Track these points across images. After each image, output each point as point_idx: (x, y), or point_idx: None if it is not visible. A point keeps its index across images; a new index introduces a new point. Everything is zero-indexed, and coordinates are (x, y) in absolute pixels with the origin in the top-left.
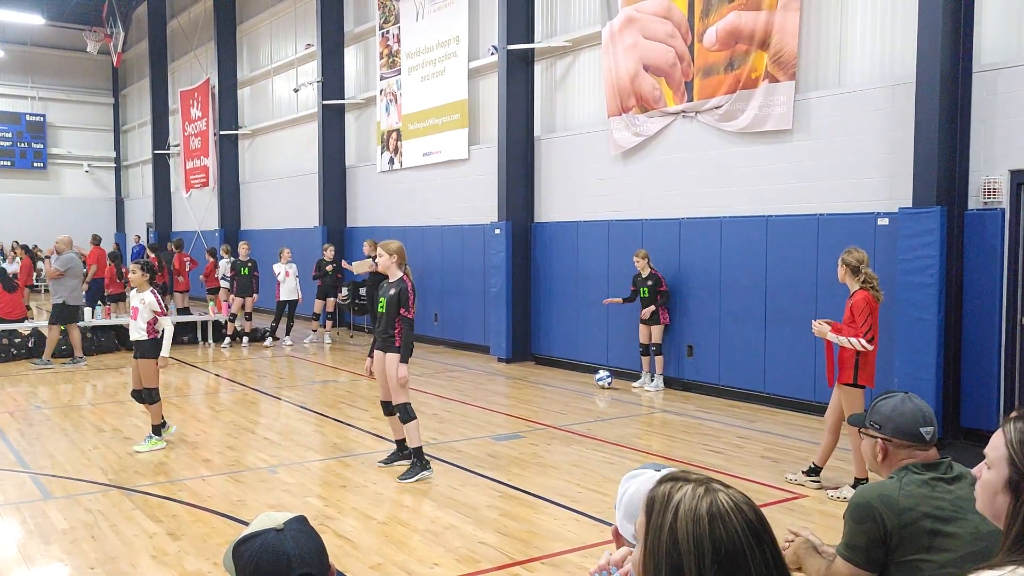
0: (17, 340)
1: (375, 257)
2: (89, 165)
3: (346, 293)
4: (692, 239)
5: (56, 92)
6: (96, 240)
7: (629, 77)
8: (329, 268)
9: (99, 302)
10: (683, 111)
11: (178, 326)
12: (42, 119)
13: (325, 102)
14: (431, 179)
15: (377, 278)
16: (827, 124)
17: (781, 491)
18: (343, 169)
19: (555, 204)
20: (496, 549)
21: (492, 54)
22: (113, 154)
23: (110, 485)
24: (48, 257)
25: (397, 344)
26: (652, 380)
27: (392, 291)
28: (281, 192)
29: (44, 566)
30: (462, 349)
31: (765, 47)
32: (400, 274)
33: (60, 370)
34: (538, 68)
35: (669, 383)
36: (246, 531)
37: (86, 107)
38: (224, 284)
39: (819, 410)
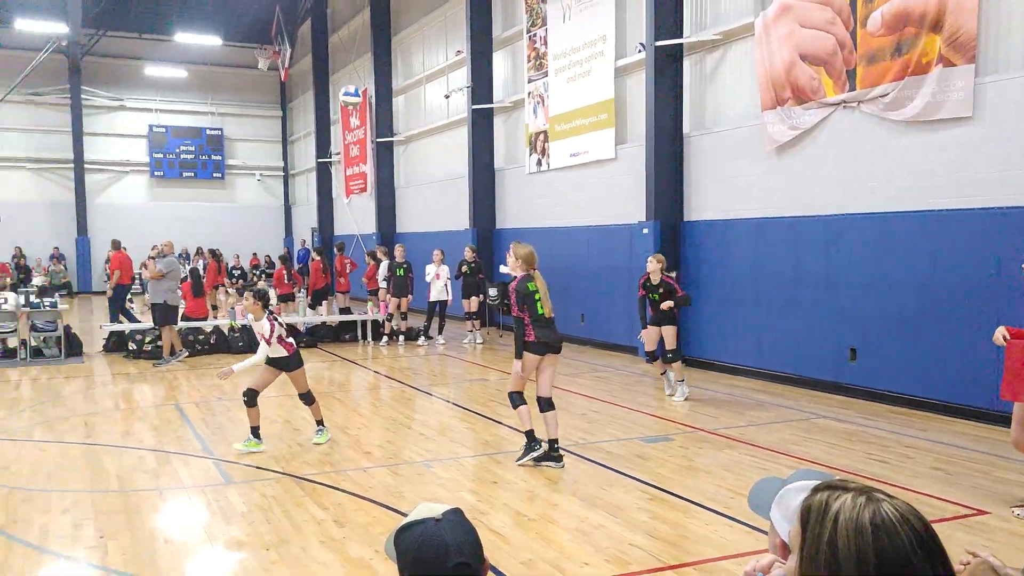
0: (201, 337)
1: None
2: (260, 174)
3: (494, 293)
4: (851, 236)
5: (232, 107)
6: (116, 245)
7: (785, 68)
8: (464, 268)
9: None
10: (844, 102)
11: (340, 325)
12: (220, 133)
13: (474, 107)
14: (578, 179)
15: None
16: (1013, 110)
17: (956, 506)
18: (492, 172)
19: (705, 202)
20: (646, 551)
21: (639, 52)
22: (282, 163)
23: (282, 473)
24: (152, 258)
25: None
26: (677, 390)
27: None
28: (433, 196)
29: (225, 544)
30: (608, 350)
31: (938, 29)
32: (521, 275)
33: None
34: (687, 63)
35: (827, 387)
36: (407, 519)
37: (257, 120)
38: (383, 285)
39: (997, 419)
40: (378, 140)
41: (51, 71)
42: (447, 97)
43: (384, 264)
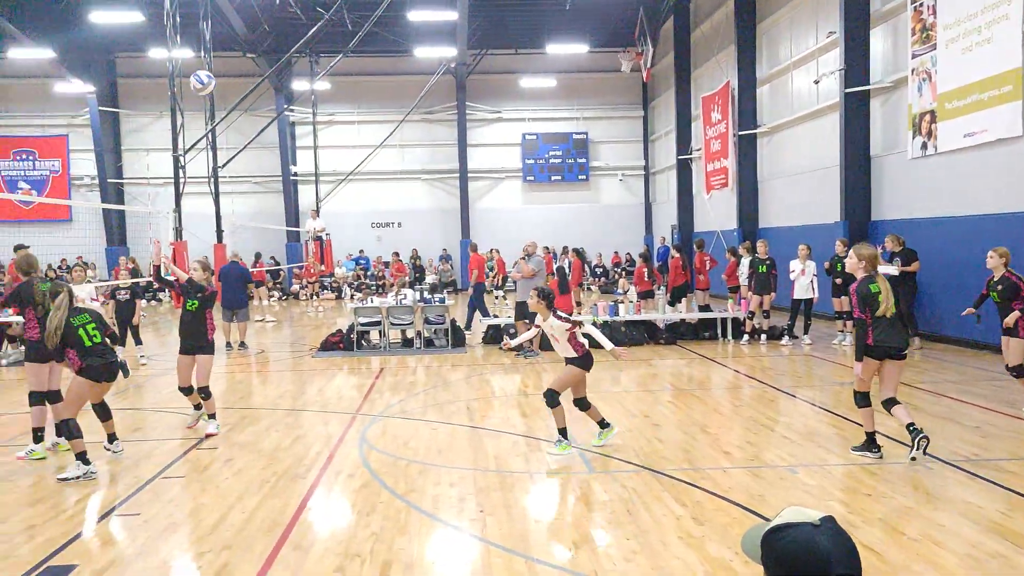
0: None
1: (895, 255)
2: (623, 174)
3: None
4: None
5: (595, 111)
6: (473, 248)
7: None
8: (836, 264)
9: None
10: None
11: (699, 322)
12: (585, 136)
13: (848, 90)
14: (975, 162)
15: (903, 276)
16: None
17: None
18: (867, 159)
19: None
20: None
21: None
22: (642, 162)
23: (642, 467)
24: (523, 259)
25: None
26: None
27: None
28: (799, 188)
29: (588, 530)
30: None
31: None
32: (863, 276)
33: (600, 359)
34: None
35: None
36: (778, 520)
37: (620, 122)
38: (744, 282)
39: None
40: (740, 133)
41: (441, 91)
42: (817, 82)
43: (745, 260)
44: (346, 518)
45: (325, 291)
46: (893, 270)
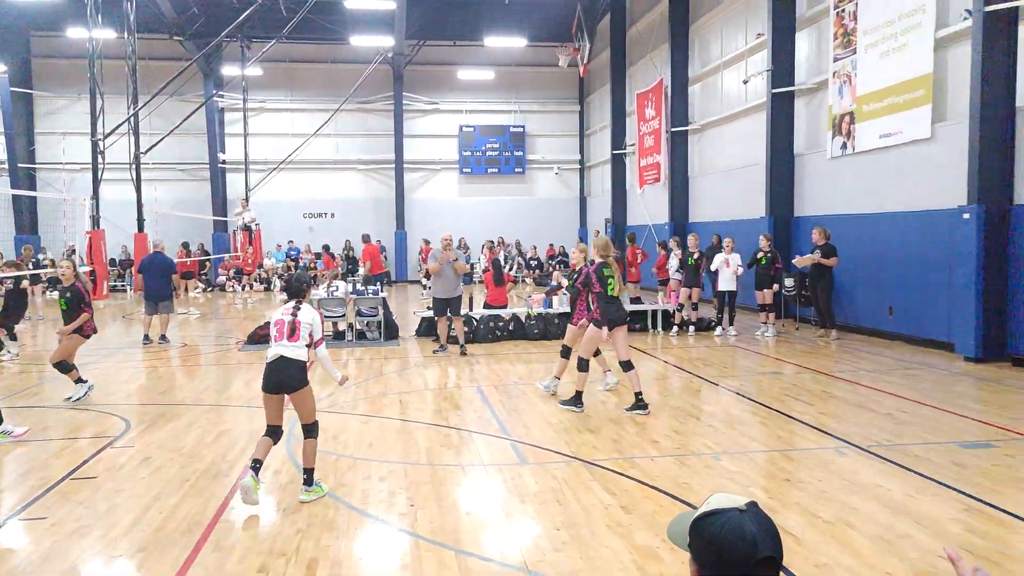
0: (500, 324)
1: (818, 247)
2: (558, 168)
3: (791, 284)
4: None
5: (533, 105)
6: (366, 238)
7: None
8: (759, 256)
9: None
10: None
11: (630, 315)
12: (522, 130)
13: (774, 90)
14: (888, 162)
15: (818, 268)
16: None
17: None
18: (791, 157)
19: None
20: None
21: (965, 19)
22: (578, 156)
23: (573, 457)
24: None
25: None
26: None
27: None
28: (728, 184)
29: (519, 521)
30: (920, 345)
31: None
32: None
33: (534, 351)
34: (1023, 29)
35: None
36: (705, 507)
37: (556, 116)
38: (675, 276)
39: None
40: (672, 130)
41: (378, 81)
42: (745, 82)
43: (675, 254)
44: (271, 516)
45: (254, 283)
46: (809, 260)
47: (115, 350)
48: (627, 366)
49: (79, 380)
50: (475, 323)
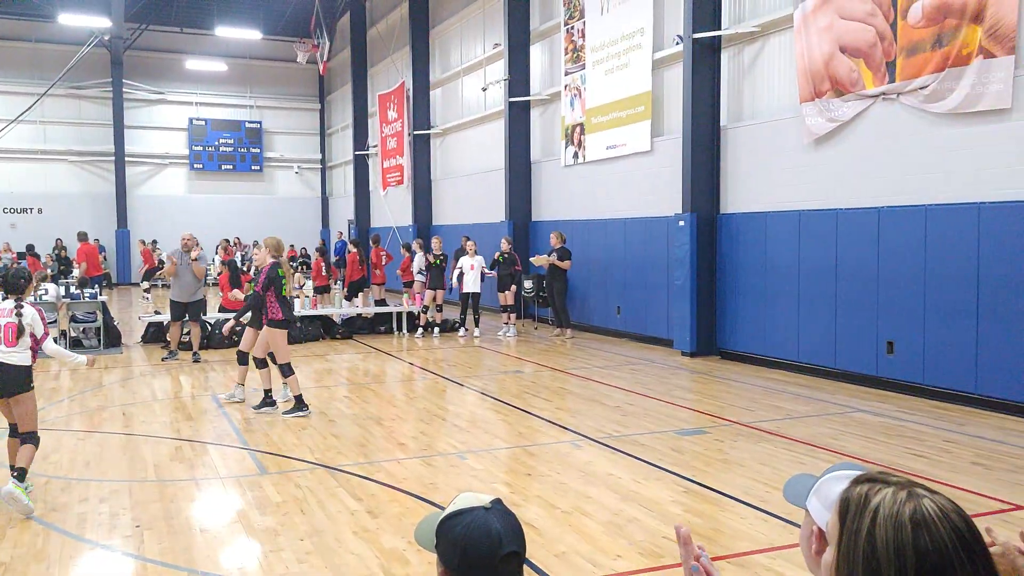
0: (237, 328)
1: (554, 250)
2: (299, 167)
3: (530, 286)
4: (892, 229)
5: (270, 101)
6: (82, 236)
7: (824, 60)
8: (497, 256)
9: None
10: (883, 93)
11: (375, 317)
12: (259, 126)
13: (511, 99)
14: (614, 172)
15: (554, 271)
16: None
17: (995, 501)
18: (528, 164)
19: (742, 195)
20: None
21: (677, 44)
22: (319, 156)
23: (317, 463)
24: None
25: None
26: None
27: None
28: (469, 188)
29: (261, 533)
30: (644, 342)
31: (979, 20)
32: (271, 262)
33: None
34: (725, 56)
35: (864, 381)
36: (452, 508)
37: (296, 113)
38: (419, 278)
39: None
40: (415, 133)
41: (93, 65)
42: (484, 90)
43: (419, 256)
44: None
45: None
46: (544, 260)
47: None
48: (261, 364)
49: None
50: (210, 328)
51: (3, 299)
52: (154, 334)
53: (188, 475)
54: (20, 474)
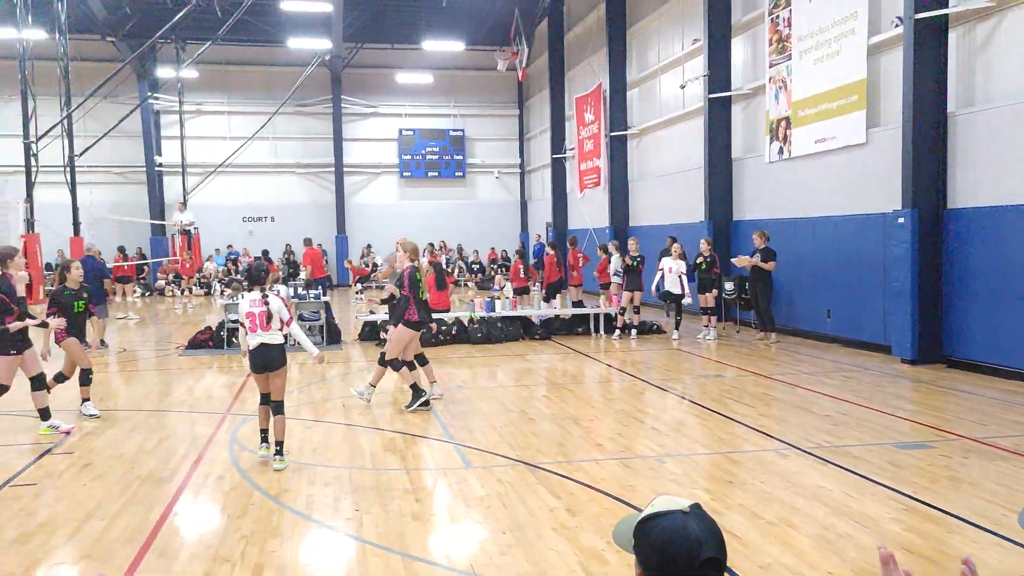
0: (443, 327)
1: (758, 251)
2: (499, 172)
3: (731, 287)
4: None
5: (472, 109)
6: (307, 242)
7: None
8: (699, 260)
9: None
10: None
11: (573, 318)
12: (462, 133)
13: (711, 95)
14: (824, 167)
15: (757, 272)
16: None
17: None
18: (729, 162)
19: (973, 188)
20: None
21: (896, 26)
22: (518, 161)
23: (518, 460)
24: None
25: None
26: None
27: None
28: (667, 188)
29: (465, 525)
30: (858, 348)
31: None
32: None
33: (477, 355)
34: (952, 35)
35: None
36: (650, 510)
37: (496, 120)
38: (616, 280)
39: None
40: (612, 134)
41: (316, 84)
42: (683, 87)
43: (616, 258)
44: (215, 522)
45: (194, 287)
46: (747, 261)
47: (54, 356)
48: (396, 365)
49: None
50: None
51: (249, 292)
52: (369, 332)
53: (400, 465)
54: (280, 448)
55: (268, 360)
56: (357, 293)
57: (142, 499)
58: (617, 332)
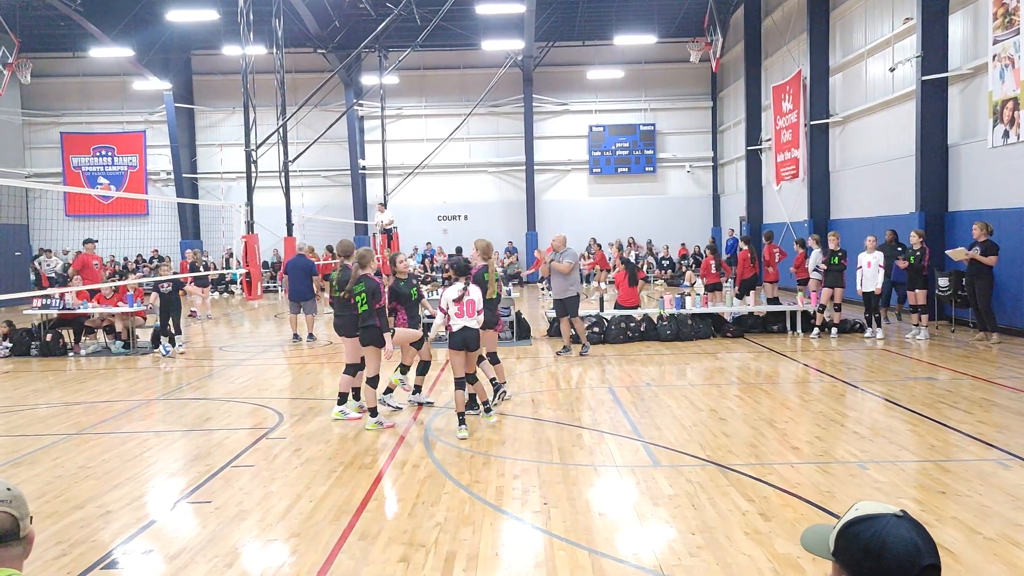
0: (632, 324)
1: (977, 243)
2: (690, 166)
3: (945, 283)
4: None
5: (663, 102)
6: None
7: None
8: (911, 257)
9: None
10: None
11: (768, 315)
12: (652, 128)
13: (925, 77)
14: None
15: (976, 267)
16: None
17: None
18: (944, 148)
19: None
20: None
21: None
22: (711, 154)
23: (708, 461)
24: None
25: None
26: None
27: None
28: (872, 178)
29: (653, 523)
30: None
31: None
32: (480, 264)
33: (666, 352)
34: None
35: None
36: (855, 513)
37: (687, 113)
38: (815, 275)
39: None
40: (812, 123)
41: (508, 84)
42: (892, 70)
43: (815, 253)
44: (411, 509)
45: None
46: (963, 255)
47: (268, 347)
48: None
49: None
50: (606, 324)
51: (454, 283)
52: (556, 328)
53: (588, 461)
54: (461, 417)
55: (469, 340)
56: (543, 289)
57: (346, 483)
58: (816, 331)
